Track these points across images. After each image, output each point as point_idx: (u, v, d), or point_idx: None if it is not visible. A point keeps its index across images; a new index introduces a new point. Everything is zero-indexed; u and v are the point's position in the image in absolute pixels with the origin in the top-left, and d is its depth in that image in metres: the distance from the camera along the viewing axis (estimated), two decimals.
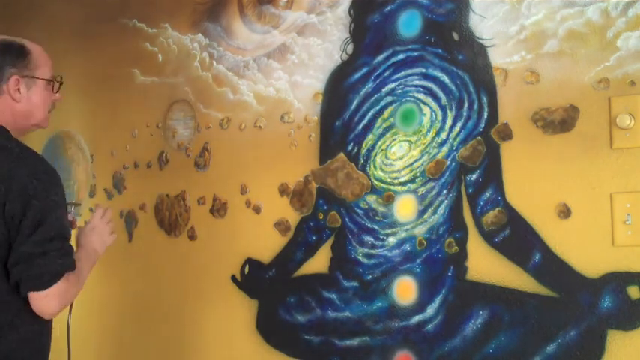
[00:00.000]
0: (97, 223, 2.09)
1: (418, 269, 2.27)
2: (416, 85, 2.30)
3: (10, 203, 1.72)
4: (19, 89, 1.89)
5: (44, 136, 3.38)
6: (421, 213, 2.28)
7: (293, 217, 2.54)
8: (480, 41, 2.20)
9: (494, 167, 2.16)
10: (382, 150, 2.35)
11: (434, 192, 2.26)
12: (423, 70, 2.29)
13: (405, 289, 2.30)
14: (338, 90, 2.46)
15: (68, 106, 3.31)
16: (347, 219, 2.42)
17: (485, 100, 2.18)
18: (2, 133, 1.86)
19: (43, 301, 1.77)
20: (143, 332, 2.72)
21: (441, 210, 2.24)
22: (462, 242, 2.20)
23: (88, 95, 3.24)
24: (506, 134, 2.14)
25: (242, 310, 2.63)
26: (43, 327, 1.88)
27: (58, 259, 1.77)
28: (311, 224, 2.50)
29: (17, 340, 1.79)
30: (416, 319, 2.27)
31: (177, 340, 2.79)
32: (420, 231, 2.27)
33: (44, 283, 1.75)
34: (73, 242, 1.87)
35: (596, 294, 1.98)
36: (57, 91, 2.05)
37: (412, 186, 2.30)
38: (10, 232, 1.74)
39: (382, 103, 2.36)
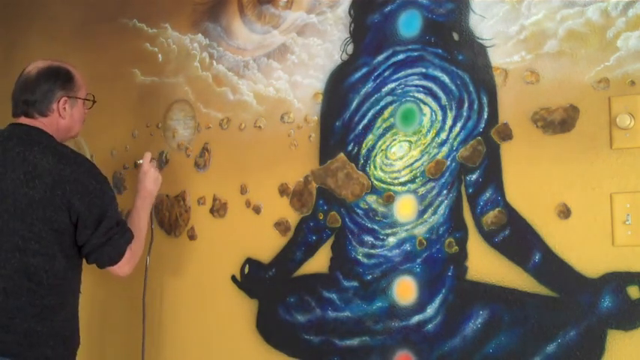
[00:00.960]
0: (147, 167, 2.57)
1: (418, 269, 2.27)
2: (416, 85, 2.30)
3: (76, 201, 2.12)
4: (65, 108, 2.28)
5: None
6: (421, 213, 2.28)
7: (293, 217, 2.54)
8: (480, 41, 2.20)
9: (494, 167, 2.16)
10: (382, 150, 2.35)
11: (434, 192, 2.26)
12: (423, 70, 2.29)
13: (405, 289, 2.29)
14: (338, 90, 2.46)
15: None
16: (347, 219, 2.42)
17: (485, 100, 2.18)
18: (56, 142, 2.24)
19: (118, 270, 2.27)
20: (142, 332, 2.72)
21: (441, 210, 2.24)
22: (462, 242, 2.20)
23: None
24: (506, 134, 2.14)
25: (242, 310, 2.62)
26: (77, 309, 2.29)
27: (120, 241, 2.24)
28: (311, 224, 2.50)
29: (63, 319, 2.16)
30: (416, 319, 2.27)
31: (177, 339, 2.79)
32: (420, 231, 2.27)
33: (115, 260, 2.24)
34: None
35: (596, 294, 1.98)
36: (90, 108, 2.45)
37: (412, 186, 2.30)
38: (77, 224, 2.15)
39: (382, 103, 2.36)
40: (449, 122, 2.24)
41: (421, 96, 2.29)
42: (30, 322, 2.07)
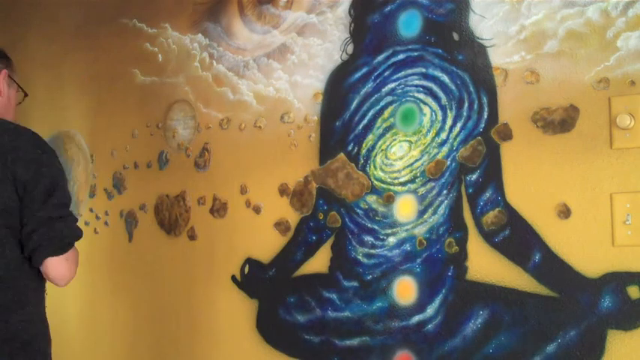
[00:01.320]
0: None
1: (418, 269, 2.27)
2: (416, 85, 2.30)
3: (20, 170, 1.76)
4: (4, 84, 2.02)
5: (44, 135, 3.38)
6: (421, 213, 2.28)
7: (293, 217, 2.54)
8: (480, 41, 2.20)
9: (494, 167, 2.16)
10: (382, 150, 2.35)
11: (434, 192, 2.26)
12: (423, 70, 2.29)
13: (405, 289, 2.30)
14: (338, 90, 2.46)
15: (68, 106, 3.32)
16: (347, 219, 2.42)
17: (485, 100, 2.18)
18: None
19: (63, 265, 1.81)
20: (142, 332, 2.72)
21: (441, 210, 2.24)
22: (462, 242, 2.20)
23: (88, 95, 3.24)
24: (506, 134, 2.14)
25: (242, 310, 2.63)
26: (43, 310, 1.90)
27: (74, 224, 1.86)
28: (311, 224, 2.51)
29: (20, 320, 1.79)
30: (416, 319, 2.27)
31: (177, 340, 2.79)
32: (420, 231, 2.27)
33: (65, 247, 1.81)
34: None
35: (596, 294, 1.98)
36: (20, 103, 2.18)
37: (412, 186, 2.30)
38: (23, 199, 1.78)
39: (382, 103, 2.36)
40: (449, 122, 2.24)
41: (421, 96, 2.29)
42: None
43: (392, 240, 2.32)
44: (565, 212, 2.04)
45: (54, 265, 1.80)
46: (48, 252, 1.79)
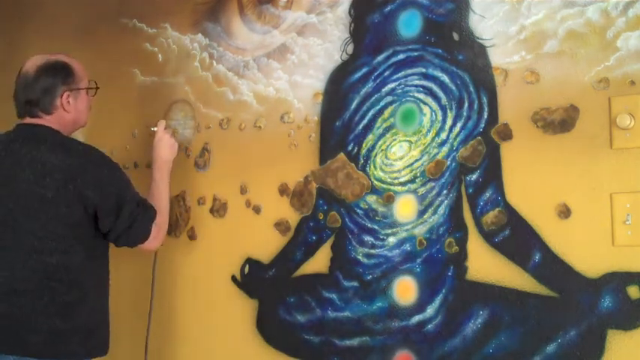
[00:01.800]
0: (161, 134, 2.57)
1: (418, 269, 2.27)
2: (416, 85, 2.30)
3: (89, 193, 2.11)
4: (68, 102, 2.26)
5: None
6: (421, 213, 2.28)
7: (293, 217, 2.54)
8: (480, 41, 2.20)
9: (494, 167, 2.16)
10: (382, 150, 2.35)
11: (434, 192, 2.26)
12: (423, 70, 2.29)
13: (405, 289, 2.29)
14: (338, 90, 2.46)
15: None
16: (347, 219, 2.42)
17: (485, 100, 2.18)
18: (62, 136, 2.23)
19: (147, 246, 2.33)
20: (142, 332, 2.72)
21: (441, 210, 2.24)
22: (462, 242, 2.20)
23: None
24: (507, 134, 2.14)
25: (242, 310, 2.62)
26: (105, 300, 2.30)
27: (144, 220, 2.26)
28: (311, 224, 2.50)
29: (86, 313, 2.15)
30: (416, 319, 2.27)
31: (177, 340, 2.79)
32: (420, 231, 2.27)
33: (143, 240, 2.28)
34: None
35: (596, 294, 1.98)
36: (94, 95, 2.44)
37: (412, 186, 2.30)
38: (96, 214, 2.16)
39: (382, 103, 2.36)
40: (449, 122, 2.24)
41: (421, 96, 2.29)
42: (54, 319, 2.06)
43: (392, 240, 2.32)
44: (565, 212, 2.04)
45: (145, 248, 2.33)
46: (136, 244, 2.29)
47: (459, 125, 2.23)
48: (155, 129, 2.60)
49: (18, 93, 2.27)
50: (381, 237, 2.34)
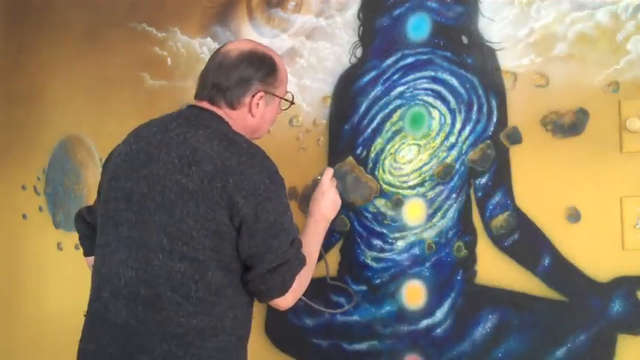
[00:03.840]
0: (326, 187, 2.12)
1: (427, 273, 2.27)
2: (425, 89, 2.30)
3: (240, 200, 1.65)
4: (258, 104, 1.87)
5: (54, 139, 3.39)
6: (430, 217, 2.27)
7: (302, 221, 2.53)
8: (489, 44, 2.20)
9: (503, 171, 2.15)
10: (391, 153, 2.35)
11: (443, 196, 2.25)
12: (432, 74, 2.29)
13: (413, 293, 2.29)
14: (347, 93, 2.46)
15: (77, 110, 3.32)
16: (356, 223, 2.42)
17: (494, 103, 2.18)
18: (230, 129, 1.80)
19: (286, 300, 1.78)
20: None
21: (450, 214, 2.24)
22: (471, 246, 2.20)
23: (97, 99, 3.24)
24: (516, 138, 2.14)
25: None
26: (243, 337, 1.82)
27: (293, 264, 1.76)
28: None
29: (215, 348, 1.69)
30: (425, 323, 2.26)
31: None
32: (429, 235, 2.27)
33: (285, 290, 1.75)
34: None
35: (606, 298, 1.97)
36: (286, 109, 2.04)
37: (421, 190, 2.29)
38: (240, 232, 1.68)
39: (391, 107, 2.36)
40: (458, 126, 2.24)
41: (430, 99, 2.29)
42: (170, 343, 1.63)
43: (401, 244, 2.32)
44: (575, 216, 2.03)
45: (277, 303, 1.78)
46: (272, 296, 1.75)
47: (468, 129, 2.22)
48: (320, 177, 2.17)
49: (207, 72, 1.89)
50: (390, 241, 2.34)
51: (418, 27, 2.33)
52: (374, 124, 2.39)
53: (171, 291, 1.64)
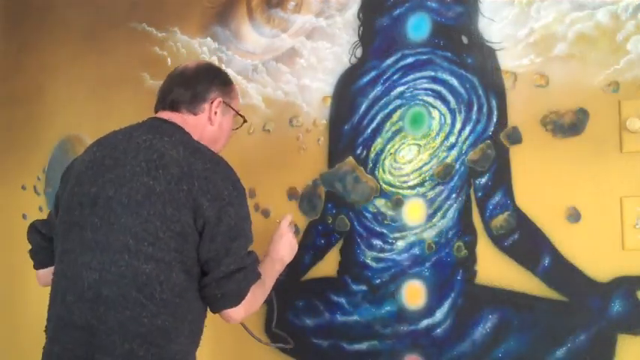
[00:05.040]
0: (285, 231, 2.17)
1: (427, 273, 2.27)
2: (425, 89, 2.30)
3: (204, 202, 1.70)
4: (216, 112, 1.96)
5: (54, 139, 3.39)
6: (430, 217, 2.27)
7: (301, 221, 2.54)
8: (489, 44, 2.20)
9: (503, 171, 2.15)
10: (391, 153, 2.35)
11: (443, 195, 2.25)
12: (432, 74, 2.29)
13: (413, 293, 2.29)
14: (347, 93, 2.46)
15: (77, 110, 3.32)
16: (356, 223, 2.42)
17: (494, 103, 2.18)
18: (191, 137, 1.87)
19: (237, 312, 1.79)
20: None
21: (450, 214, 2.24)
22: (471, 246, 2.20)
23: (97, 99, 3.24)
24: (516, 138, 2.13)
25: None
26: (196, 342, 1.86)
27: (248, 274, 1.79)
28: (320, 228, 2.50)
29: (176, 350, 1.73)
30: (425, 323, 2.26)
31: None
32: (429, 235, 2.27)
33: (240, 299, 1.78)
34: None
35: (606, 298, 1.97)
36: (236, 129, 2.13)
37: (421, 190, 2.29)
38: (202, 234, 1.71)
39: (391, 107, 2.36)
40: (458, 126, 2.24)
41: (430, 99, 2.29)
42: (132, 343, 1.64)
43: (401, 244, 2.32)
44: (575, 216, 2.03)
45: (228, 314, 1.80)
46: (225, 305, 1.77)
47: (468, 129, 2.22)
48: (279, 221, 2.23)
49: (167, 85, 2.00)
50: (390, 241, 2.34)
51: (418, 27, 2.33)
52: (374, 124, 2.39)
53: (137, 291, 1.66)
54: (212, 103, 1.95)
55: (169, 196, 1.68)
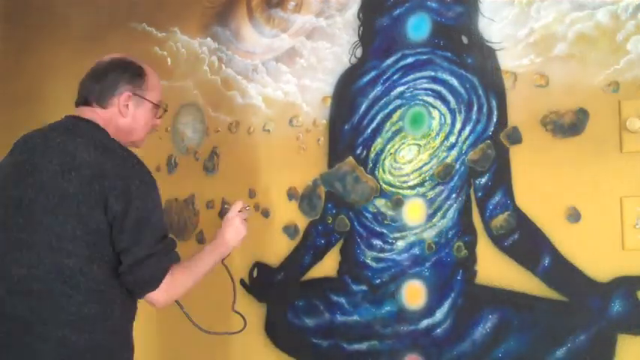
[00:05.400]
0: (233, 216, 2.25)
1: (427, 273, 2.27)
2: (425, 89, 2.30)
3: (112, 199, 1.83)
4: (127, 105, 2.04)
5: None
6: (430, 217, 2.27)
7: (302, 221, 2.54)
8: (489, 44, 2.20)
9: (503, 171, 2.15)
10: (391, 153, 2.35)
11: (443, 195, 2.25)
12: (432, 74, 2.29)
13: (413, 293, 2.29)
14: (347, 93, 2.46)
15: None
16: (356, 223, 2.42)
17: (494, 103, 2.18)
18: (106, 136, 1.98)
19: (158, 295, 1.92)
20: (151, 335, 2.72)
21: (450, 214, 2.24)
22: (471, 246, 2.20)
23: None
24: (516, 138, 2.13)
25: (251, 313, 2.62)
26: (130, 320, 2.02)
27: (163, 259, 1.92)
28: (320, 228, 2.50)
29: (106, 331, 1.89)
30: (425, 323, 2.26)
31: (186, 343, 2.79)
32: (429, 235, 2.27)
33: (156, 283, 1.91)
34: None
35: (606, 298, 1.97)
36: (159, 117, 2.20)
37: (421, 190, 2.29)
38: (112, 228, 1.86)
39: (391, 107, 2.36)
40: (458, 126, 2.24)
41: (430, 99, 2.29)
42: (64, 330, 1.82)
43: (401, 244, 2.32)
44: (575, 216, 2.03)
45: (150, 298, 1.93)
46: (142, 289, 1.92)
47: (468, 129, 2.22)
48: (228, 206, 2.32)
49: (84, 77, 2.10)
50: (390, 241, 2.34)
51: (418, 27, 2.33)
52: (374, 124, 2.39)
53: (62, 284, 1.82)
54: (120, 96, 2.03)
55: (82, 197, 1.83)
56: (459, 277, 2.21)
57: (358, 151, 2.42)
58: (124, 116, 2.05)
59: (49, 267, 1.83)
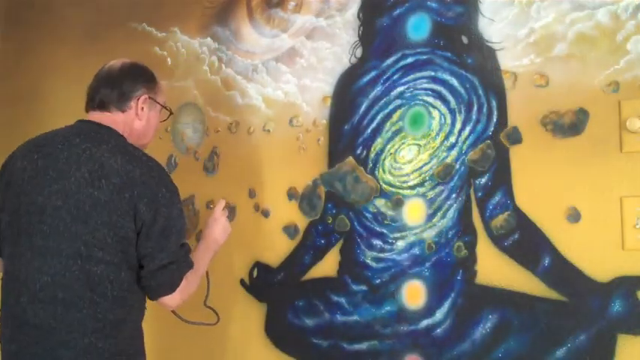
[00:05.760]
0: (218, 215, 2.32)
1: (427, 273, 2.27)
2: (425, 89, 2.30)
3: (142, 207, 1.88)
4: (143, 108, 2.11)
5: None
6: (430, 217, 2.27)
7: (302, 221, 2.54)
8: (489, 44, 2.20)
9: (503, 171, 2.15)
10: (391, 153, 2.35)
11: (443, 195, 2.25)
12: (432, 74, 2.29)
13: (413, 293, 2.29)
14: (347, 93, 2.46)
15: (77, 110, 3.32)
16: (356, 223, 2.42)
17: (494, 103, 2.18)
18: (124, 140, 2.04)
19: (173, 298, 2.00)
20: (151, 335, 2.72)
21: (450, 214, 2.24)
22: (471, 246, 2.20)
23: None
24: (516, 138, 2.13)
25: (251, 313, 2.62)
26: (140, 326, 2.09)
27: (183, 264, 1.99)
28: (320, 228, 2.50)
29: (127, 336, 1.96)
30: (425, 323, 2.26)
31: (186, 342, 2.79)
32: (429, 235, 2.27)
33: (174, 287, 1.98)
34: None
35: (606, 298, 1.97)
36: (163, 120, 2.28)
37: (421, 190, 2.29)
38: (139, 233, 1.91)
39: (391, 107, 2.36)
40: (458, 126, 2.24)
41: (430, 99, 2.29)
42: (91, 337, 1.86)
43: (401, 244, 2.32)
44: (575, 216, 2.03)
45: (165, 301, 2.01)
46: (160, 293, 1.98)
47: (468, 129, 2.22)
48: (212, 206, 2.40)
49: (94, 84, 2.12)
50: (390, 241, 2.34)
51: (418, 27, 2.33)
52: (374, 124, 2.39)
53: (90, 291, 1.86)
54: (138, 99, 2.09)
55: (113, 205, 1.87)
56: (459, 277, 2.21)
57: (358, 151, 2.42)
58: (140, 119, 2.11)
59: (76, 274, 1.86)
